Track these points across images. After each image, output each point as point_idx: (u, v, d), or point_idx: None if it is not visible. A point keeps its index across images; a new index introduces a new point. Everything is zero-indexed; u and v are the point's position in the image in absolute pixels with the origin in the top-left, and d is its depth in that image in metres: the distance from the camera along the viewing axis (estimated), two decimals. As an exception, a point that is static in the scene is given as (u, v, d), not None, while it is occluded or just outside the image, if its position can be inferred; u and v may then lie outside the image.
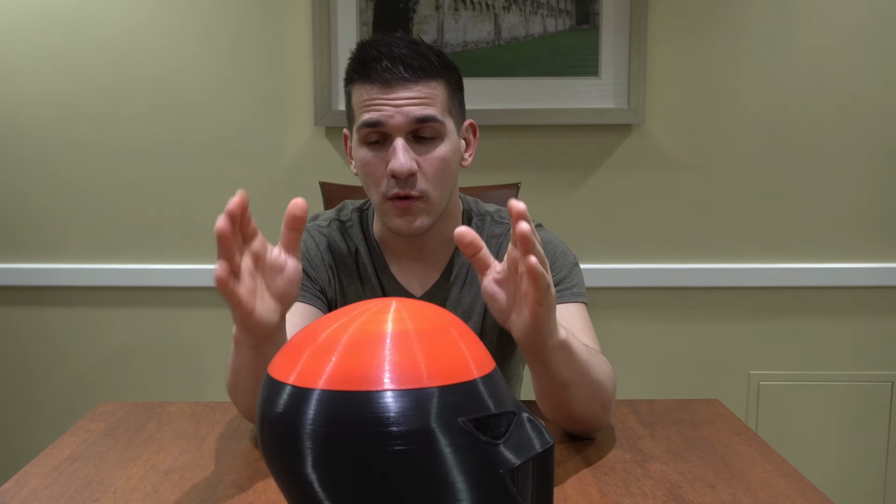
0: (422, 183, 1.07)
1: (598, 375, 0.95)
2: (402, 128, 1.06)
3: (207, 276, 2.04)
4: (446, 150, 1.09)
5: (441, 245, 1.19)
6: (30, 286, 2.06)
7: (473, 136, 1.19)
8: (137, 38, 1.99)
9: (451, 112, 1.11)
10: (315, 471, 0.59)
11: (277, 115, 2.01)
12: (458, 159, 1.13)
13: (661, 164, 2.02)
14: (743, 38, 1.98)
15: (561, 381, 0.91)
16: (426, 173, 1.07)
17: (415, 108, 1.05)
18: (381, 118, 1.05)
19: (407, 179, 1.06)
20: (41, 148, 2.03)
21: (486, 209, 1.24)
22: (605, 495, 0.85)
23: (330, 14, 1.95)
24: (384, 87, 1.05)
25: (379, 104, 1.05)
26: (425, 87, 1.06)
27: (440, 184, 1.09)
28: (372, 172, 1.08)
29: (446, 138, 1.09)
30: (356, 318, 0.63)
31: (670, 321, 2.07)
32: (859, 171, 2.02)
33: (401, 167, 1.04)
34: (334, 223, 1.23)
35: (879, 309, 2.06)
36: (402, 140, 1.06)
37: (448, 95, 1.10)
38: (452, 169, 1.11)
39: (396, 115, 1.05)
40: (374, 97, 1.06)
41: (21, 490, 0.88)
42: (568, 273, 1.16)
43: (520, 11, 1.96)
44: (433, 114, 1.06)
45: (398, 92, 1.05)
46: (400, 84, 1.05)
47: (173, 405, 1.16)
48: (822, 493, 0.86)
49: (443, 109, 1.08)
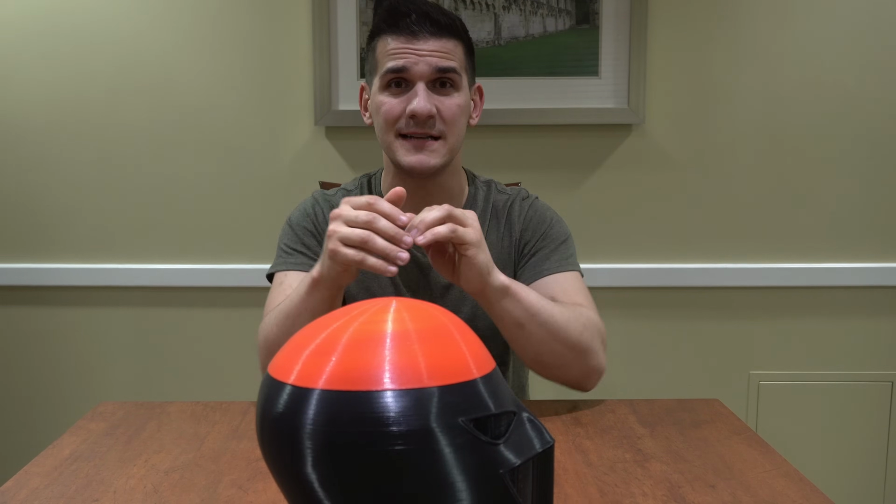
0: (440, 125, 1.16)
1: (554, 317, 1.06)
2: (425, 75, 1.15)
3: (208, 275, 2.04)
4: (462, 100, 1.18)
5: (447, 200, 1.24)
6: (30, 286, 2.06)
7: (480, 99, 1.28)
8: (137, 39, 1.99)
9: (467, 70, 1.20)
10: (315, 471, 0.59)
11: (277, 115, 2.01)
12: (468, 113, 1.22)
13: (661, 164, 2.02)
14: (743, 38, 1.98)
15: (512, 321, 1.05)
16: (444, 117, 1.16)
17: (438, 58, 1.14)
18: (407, 64, 1.14)
19: (426, 121, 1.15)
20: (41, 148, 2.03)
21: (486, 178, 1.34)
22: (605, 495, 0.85)
23: (330, 14, 1.95)
24: (411, 38, 1.14)
25: (405, 52, 1.14)
26: (447, 43, 1.16)
27: (455, 129, 1.18)
28: (390, 110, 1.16)
29: (462, 90, 1.18)
30: (356, 318, 0.63)
31: (670, 321, 2.07)
32: (859, 170, 2.02)
33: (422, 108, 1.13)
34: (341, 191, 1.30)
35: (879, 309, 2.06)
36: (424, 85, 1.15)
37: (465, 55, 1.19)
38: (465, 119, 1.20)
39: (421, 62, 1.14)
40: (402, 46, 1.15)
41: (21, 490, 0.88)
42: (558, 245, 1.24)
43: (520, 11, 1.96)
44: (453, 66, 1.16)
45: (424, 43, 1.14)
46: (426, 36, 1.14)
47: (173, 405, 1.16)
48: (822, 493, 0.86)
49: (461, 65, 1.18)
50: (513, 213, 1.27)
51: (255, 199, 2.04)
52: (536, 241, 1.24)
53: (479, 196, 1.28)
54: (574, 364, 1.10)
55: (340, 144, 2.01)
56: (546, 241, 1.24)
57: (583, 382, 1.13)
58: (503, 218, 1.27)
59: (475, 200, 1.28)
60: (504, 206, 1.28)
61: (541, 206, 1.29)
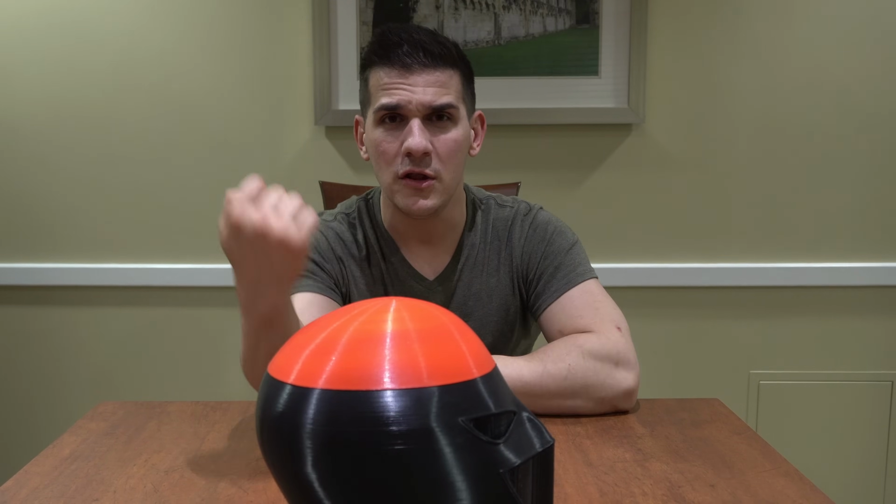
0: (435, 163, 1.11)
1: (541, 390, 1.02)
2: (419, 111, 1.09)
3: (208, 275, 2.04)
4: (459, 134, 1.12)
5: (449, 230, 1.21)
6: (30, 286, 2.06)
7: (482, 127, 1.22)
8: (138, 39, 1.99)
9: (465, 100, 1.15)
10: (315, 470, 0.59)
11: (277, 115, 2.01)
12: (467, 145, 1.17)
13: (661, 163, 2.02)
14: (743, 37, 1.98)
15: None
16: (440, 154, 1.11)
17: (432, 95, 1.09)
18: (400, 101, 1.09)
19: (422, 158, 1.10)
20: (41, 148, 2.03)
21: (486, 193, 1.29)
22: (605, 495, 0.85)
23: (330, 14, 1.95)
24: (403, 71, 1.09)
25: (398, 87, 1.09)
26: (442, 74, 1.10)
27: (452, 166, 1.13)
28: (385, 151, 1.11)
29: (459, 123, 1.13)
30: (356, 318, 0.63)
31: (670, 321, 2.06)
32: (859, 170, 2.02)
33: (417, 145, 1.08)
34: (341, 216, 1.25)
35: (879, 309, 2.06)
36: (419, 121, 1.09)
37: (462, 84, 1.14)
38: (463, 153, 1.15)
39: (414, 101, 1.08)
40: (394, 81, 1.09)
41: (21, 490, 0.88)
42: (562, 259, 1.20)
43: (520, 11, 1.96)
44: (449, 100, 1.10)
45: (417, 76, 1.09)
46: (419, 69, 1.08)
47: (173, 405, 1.16)
48: (822, 493, 0.86)
49: (457, 96, 1.12)
50: (513, 236, 1.22)
51: (255, 198, 2.03)
52: (539, 263, 1.20)
53: (478, 218, 1.24)
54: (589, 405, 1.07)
55: (340, 144, 2.01)
56: (549, 261, 1.20)
57: (616, 406, 1.09)
58: (504, 241, 1.23)
59: (474, 224, 1.24)
60: (505, 227, 1.23)
61: (541, 221, 1.24)
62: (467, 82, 1.15)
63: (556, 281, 1.18)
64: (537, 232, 1.23)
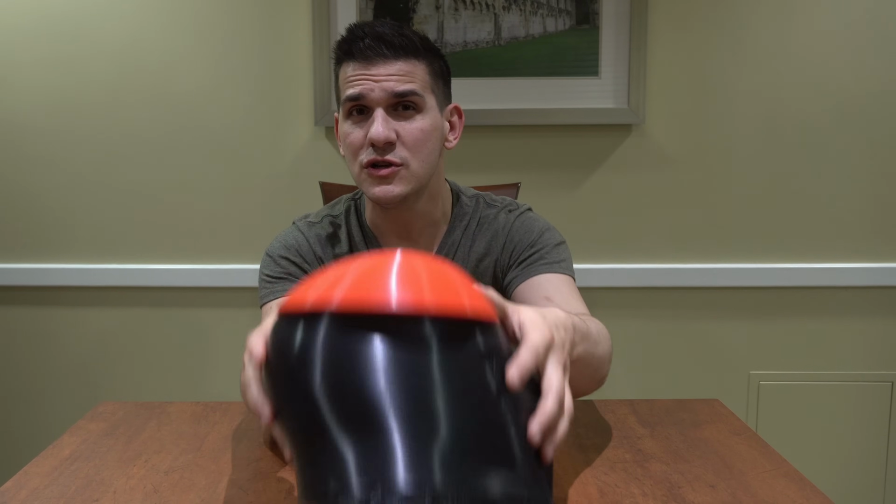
0: (401, 151, 1.11)
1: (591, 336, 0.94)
2: (382, 101, 1.09)
3: (208, 275, 2.04)
4: (426, 123, 1.12)
5: (428, 226, 1.21)
6: (30, 286, 2.06)
7: (459, 119, 1.21)
8: (138, 39, 1.99)
9: (434, 91, 1.14)
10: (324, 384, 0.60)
11: (277, 115, 2.01)
12: (439, 136, 1.16)
13: (661, 164, 2.02)
14: (743, 38, 1.98)
15: None
16: (405, 142, 1.11)
17: (394, 82, 1.09)
18: (363, 91, 1.09)
19: (385, 147, 1.10)
20: (42, 148, 2.03)
21: (474, 192, 1.28)
22: (605, 495, 0.85)
23: (330, 14, 1.95)
24: (366, 63, 1.09)
25: (361, 78, 1.10)
26: (405, 65, 1.10)
27: (420, 155, 1.12)
28: (353, 143, 1.12)
29: (426, 112, 1.12)
30: (362, 257, 0.67)
31: (670, 321, 2.07)
32: (859, 170, 2.02)
33: (378, 134, 1.08)
34: (326, 218, 1.25)
35: (879, 309, 2.06)
36: (382, 110, 1.10)
37: (429, 75, 1.13)
38: (433, 142, 1.14)
39: (377, 88, 1.09)
40: (357, 73, 1.10)
41: (21, 490, 0.88)
42: (550, 249, 1.19)
43: (520, 11, 1.96)
44: (412, 88, 1.10)
45: (379, 68, 1.09)
46: (380, 60, 1.09)
47: (173, 405, 1.16)
48: (822, 493, 0.86)
49: (423, 86, 1.12)
50: (498, 230, 1.22)
51: (255, 199, 2.04)
52: (524, 250, 1.19)
53: (464, 216, 1.23)
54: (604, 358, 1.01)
55: (340, 144, 2.01)
56: (535, 248, 1.19)
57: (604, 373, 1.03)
58: (488, 236, 1.22)
59: (459, 222, 1.23)
60: (490, 223, 1.23)
61: (529, 218, 1.23)
62: (437, 74, 1.15)
63: (536, 265, 1.17)
64: (525, 225, 1.22)
